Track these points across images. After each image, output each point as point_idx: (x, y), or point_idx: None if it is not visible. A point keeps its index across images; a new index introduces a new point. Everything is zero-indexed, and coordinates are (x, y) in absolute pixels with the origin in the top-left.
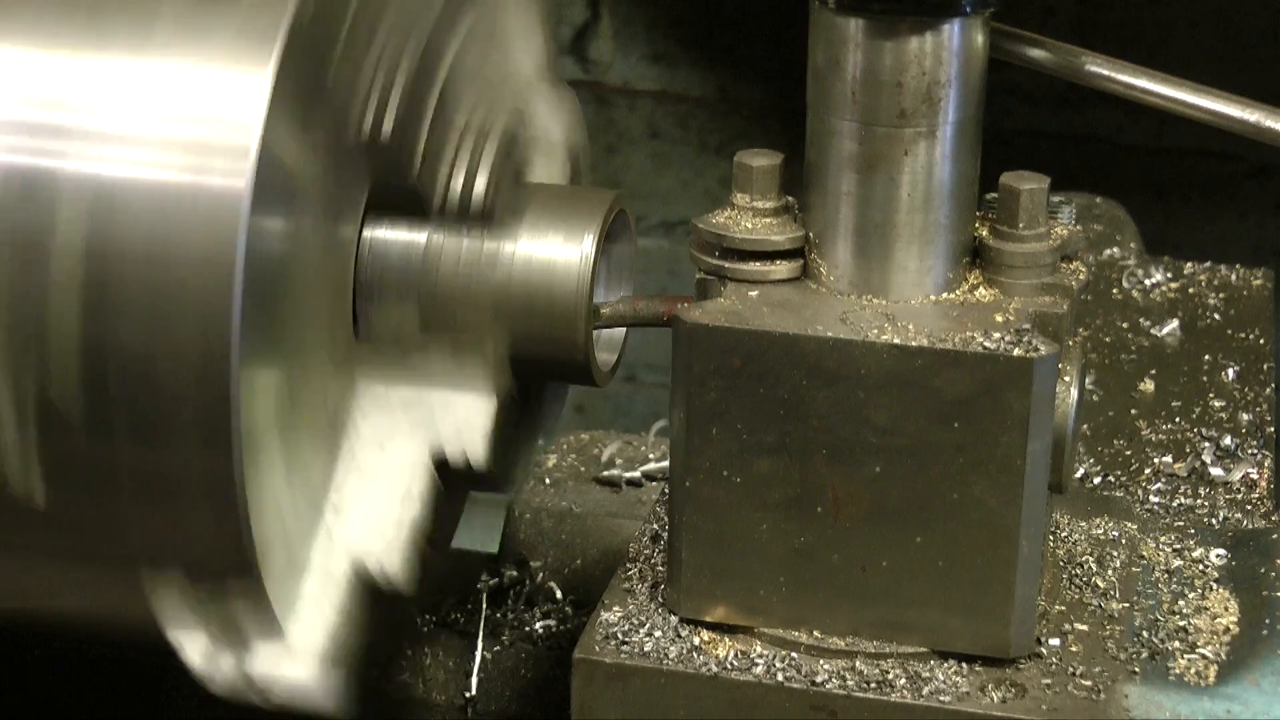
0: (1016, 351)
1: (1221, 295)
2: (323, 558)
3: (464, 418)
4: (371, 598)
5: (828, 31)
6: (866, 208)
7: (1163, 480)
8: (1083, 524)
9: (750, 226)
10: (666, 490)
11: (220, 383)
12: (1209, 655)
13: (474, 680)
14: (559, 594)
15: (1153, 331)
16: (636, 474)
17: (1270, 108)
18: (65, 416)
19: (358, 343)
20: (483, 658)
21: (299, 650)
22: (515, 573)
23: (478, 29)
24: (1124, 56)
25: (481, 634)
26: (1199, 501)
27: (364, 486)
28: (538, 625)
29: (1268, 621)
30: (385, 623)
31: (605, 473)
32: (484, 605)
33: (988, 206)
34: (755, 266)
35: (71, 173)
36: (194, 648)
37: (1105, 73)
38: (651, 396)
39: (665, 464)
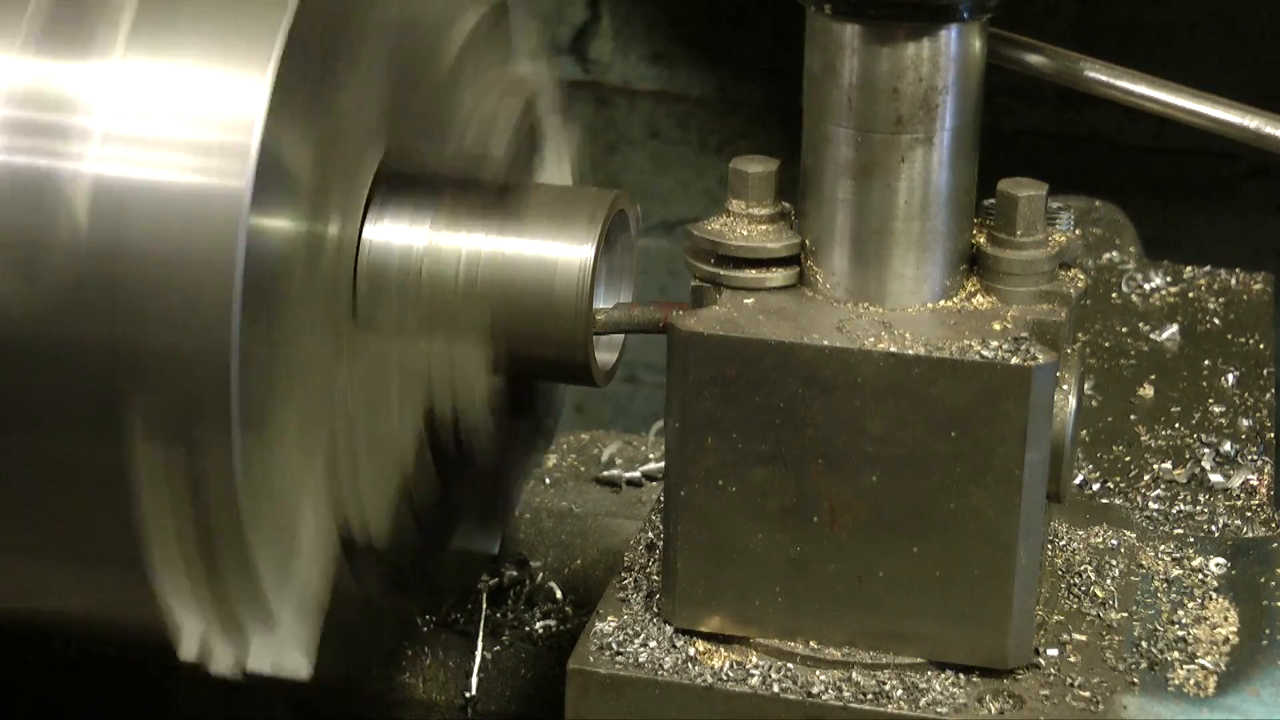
0: (1014, 360)
1: (1221, 300)
2: (316, 538)
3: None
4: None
5: (824, 37)
6: (863, 215)
7: (1162, 487)
8: (1081, 533)
9: (745, 234)
10: (661, 498)
11: (220, 383)
12: (1208, 666)
13: (474, 680)
14: (559, 594)
15: (1152, 336)
16: (636, 474)
17: (1270, 114)
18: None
19: (359, 342)
20: (483, 658)
21: (288, 624)
22: (515, 573)
23: (481, 26)
24: (1124, 57)
25: (481, 634)
26: (1198, 508)
27: (360, 476)
28: (538, 625)
29: (1268, 632)
30: (388, 623)
31: (605, 473)
32: (484, 605)
33: (985, 213)
34: (751, 274)
35: (72, 173)
36: (189, 635)
37: (1104, 78)
38: (651, 396)
39: None
